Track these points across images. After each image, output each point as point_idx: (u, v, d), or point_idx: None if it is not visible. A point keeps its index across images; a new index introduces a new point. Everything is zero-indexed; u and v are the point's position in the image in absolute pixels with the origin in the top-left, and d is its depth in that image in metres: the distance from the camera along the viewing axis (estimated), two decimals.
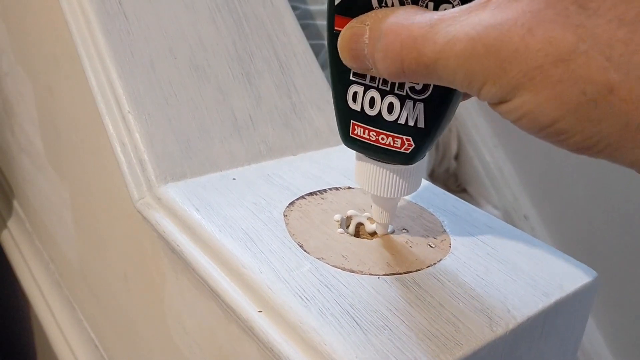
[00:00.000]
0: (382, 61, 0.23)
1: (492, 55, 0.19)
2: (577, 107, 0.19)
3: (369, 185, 0.29)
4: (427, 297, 0.28)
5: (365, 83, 0.26)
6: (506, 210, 1.04)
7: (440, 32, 0.20)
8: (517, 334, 0.27)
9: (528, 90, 0.19)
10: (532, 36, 0.19)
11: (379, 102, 0.26)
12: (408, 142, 0.26)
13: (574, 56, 0.18)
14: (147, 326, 0.42)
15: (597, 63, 0.18)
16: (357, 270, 0.29)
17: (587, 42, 0.18)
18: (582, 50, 0.18)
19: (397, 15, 0.22)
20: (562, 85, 0.18)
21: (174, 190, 0.35)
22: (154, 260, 0.38)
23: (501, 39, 0.19)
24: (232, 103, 0.40)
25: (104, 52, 0.37)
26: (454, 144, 1.11)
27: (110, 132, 0.37)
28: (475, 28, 0.20)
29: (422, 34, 0.21)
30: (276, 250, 0.30)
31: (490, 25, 0.19)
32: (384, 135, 0.27)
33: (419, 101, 0.25)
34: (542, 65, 0.19)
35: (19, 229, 0.67)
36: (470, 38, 0.20)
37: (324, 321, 0.26)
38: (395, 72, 0.22)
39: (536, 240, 0.33)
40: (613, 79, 0.18)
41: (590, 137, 0.19)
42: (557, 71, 0.18)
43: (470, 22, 0.20)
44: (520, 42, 0.19)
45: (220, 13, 0.42)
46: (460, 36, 0.20)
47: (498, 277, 0.30)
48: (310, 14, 0.58)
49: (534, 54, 0.19)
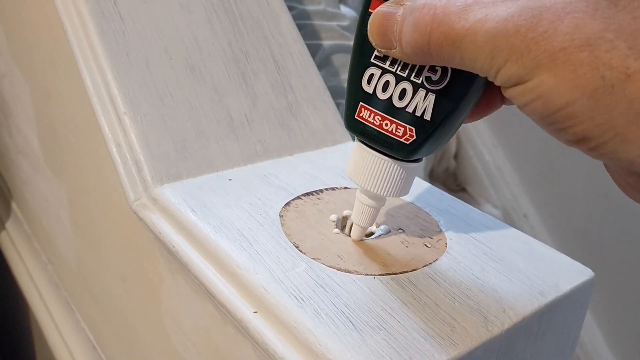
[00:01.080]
0: (410, 33, 0.23)
1: (521, 34, 0.20)
2: (593, 91, 0.19)
3: (361, 177, 0.29)
4: (423, 297, 0.28)
5: (384, 67, 0.26)
6: (505, 209, 1.04)
7: (474, 12, 0.21)
8: (513, 333, 0.27)
9: (548, 70, 0.20)
10: (561, 22, 0.19)
11: (393, 86, 0.26)
12: (410, 132, 0.26)
13: (599, 42, 0.19)
14: (144, 327, 0.42)
15: (619, 51, 0.19)
16: (352, 270, 0.29)
17: (613, 32, 0.19)
18: (607, 37, 0.19)
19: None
20: (583, 69, 0.19)
21: (170, 191, 0.35)
22: (150, 261, 0.38)
23: (532, 21, 0.20)
24: (228, 103, 0.40)
25: (99, 52, 0.37)
26: (453, 144, 1.11)
27: (106, 133, 0.37)
28: (507, 10, 0.20)
29: (456, 12, 0.22)
30: (272, 251, 0.30)
31: (522, 8, 0.20)
32: (388, 121, 0.27)
33: (432, 92, 0.25)
34: (566, 48, 0.19)
35: (17, 230, 0.67)
36: (502, 18, 0.20)
37: (319, 321, 0.26)
38: (420, 45, 0.23)
39: (532, 240, 0.33)
40: (632, 66, 0.19)
41: (599, 125, 0.20)
42: (580, 55, 0.19)
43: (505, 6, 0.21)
44: (549, 25, 0.20)
45: (216, 13, 0.42)
46: (493, 15, 0.21)
47: (494, 276, 0.30)
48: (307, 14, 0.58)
49: (561, 37, 0.19)
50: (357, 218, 0.31)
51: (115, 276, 0.45)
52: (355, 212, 0.31)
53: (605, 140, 0.20)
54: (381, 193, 0.29)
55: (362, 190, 0.30)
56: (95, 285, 0.50)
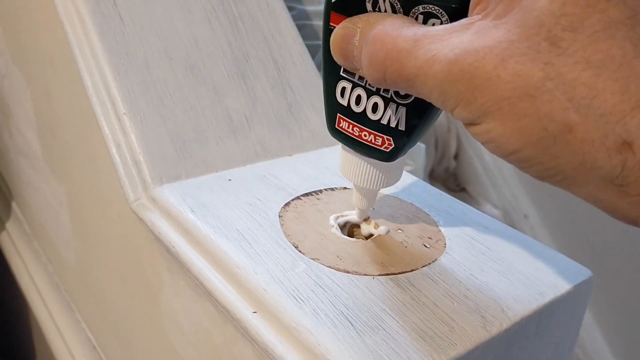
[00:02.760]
0: (367, 67, 0.24)
1: (466, 80, 0.20)
2: (538, 141, 0.19)
3: (350, 174, 0.30)
4: (422, 297, 0.28)
5: (354, 81, 0.27)
6: (506, 209, 1.04)
7: (423, 49, 0.21)
8: (512, 333, 0.27)
9: (495, 118, 0.20)
10: (503, 67, 0.19)
11: (365, 100, 0.27)
12: (389, 141, 0.27)
13: (539, 93, 0.19)
14: (144, 327, 0.42)
15: (559, 103, 0.19)
16: (351, 270, 0.29)
17: (553, 81, 0.19)
18: (547, 88, 0.19)
19: (385, 24, 0.23)
20: (526, 120, 0.19)
21: (170, 191, 0.35)
22: (150, 261, 0.38)
23: (475, 65, 0.20)
24: (227, 103, 0.40)
25: (99, 53, 0.37)
26: (453, 144, 1.10)
27: (106, 133, 0.37)
28: (453, 50, 0.20)
29: (406, 48, 0.22)
30: (271, 251, 0.30)
31: (467, 51, 0.20)
32: (366, 132, 0.28)
33: (402, 105, 0.26)
34: (509, 98, 0.19)
35: (18, 230, 0.67)
36: (448, 61, 0.20)
37: (318, 322, 0.26)
38: (377, 80, 0.23)
39: (531, 240, 0.33)
40: (573, 120, 0.19)
41: (549, 169, 0.20)
42: (522, 105, 0.19)
43: (451, 43, 0.21)
44: (492, 71, 0.20)
45: (215, 14, 0.42)
46: (440, 57, 0.21)
47: (493, 276, 0.30)
48: (307, 14, 0.58)
49: (504, 85, 0.19)
50: (357, 202, 0.32)
51: (114, 276, 0.45)
52: (355, 198, 0.32)
53: (558, 180, 0.20)
54: (371, 187, 0.30)
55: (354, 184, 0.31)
56: (95, 286, 0.50)
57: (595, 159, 0.19)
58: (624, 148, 0.18)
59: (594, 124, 0.19)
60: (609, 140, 0.18)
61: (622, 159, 0.18)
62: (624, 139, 0.18)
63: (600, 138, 0.19)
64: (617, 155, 0.18)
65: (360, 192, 0.32)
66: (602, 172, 0.19)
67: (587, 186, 0.20)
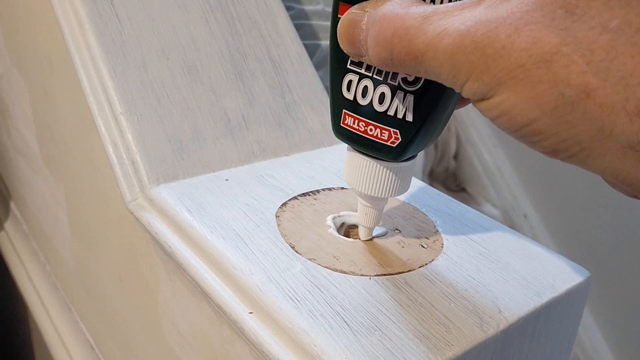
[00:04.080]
0: (373, 47, 0.23)
1: (479, 51, 0.20)
2: (554, 109, 0.19)
3: (356, 182, 0.29)
4: (418, 298, 0.28)
5: (361, 72, 0.26)
6: (505, 209, 1.03)
7: (432, 25, 0.21)
8: (508, 334, 0.27)
9: (509, 88, 0.19)
10: (517, 35, 0.19)
11: (372, 91, 0.26)
12: (395, 135, 0.26)
13: (556, 57, 0.18)
14: (141, 327, 0.42)
15: (577, 67, 0.18)
16: (348, 271, 0.29)
17: (569, 46, 0.18)
18: (564, 52, 0.18)
19: (393, 4, 0.23)
20: (541, 86, 0.19)
21: (166, 192, 0.35)
22: (147, 261, 0.38)
23: (489, 35, 0.19)
24: (225, 103, 0.40)
25: (96, 53, 0.37)
26: (453, 144, 1.10)
27: (103, 133, 0.37)
28: (465, 23, 0.20)
29: (415, 25, 0.21)
30: (267, 252, 0.30)
31: (480, 22, 0.20)
32: (372, 127, 0.27)
33: (410, 93, 0.25)
34: (524, 65, 0.19)
35: (16, 230, 0.67)
36: (459, 33, 0.20)
37: (314, 322, 0.26)
38: (384, 60, 0.23)
39: (529, 240, 0.33)
40: (591, 83, 0.18)
41: (564, 141, 0.19)
42: (538, 72, 0.19)
43: (462, 17, 0.20)
44: (506, 40, 0.19)
45: (213, 14, 0.42)
46: (450, 30, 0.20)
47: (490, 277, 0.30)
48: (305, 14, 0.58)
49: (518, 52, 0.19)
50: (362, 219, 0.31)
51: (112, 276, 0.45)
52: (360, 214, 0.31)
53: (573, 153, 0.20)
54: (379, 195, 0.29)
55: (359, 194, 0.30)
56: (93, 286, 0.50)
57: (615, 125, 0.18)
58: None
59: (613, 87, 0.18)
60: (629, 104, 0.18)
61: None
62: None
63: (621, 102, 0.18)
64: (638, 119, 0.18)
65: (366, 206, 0.30)
66: (623, 139, 0.18)
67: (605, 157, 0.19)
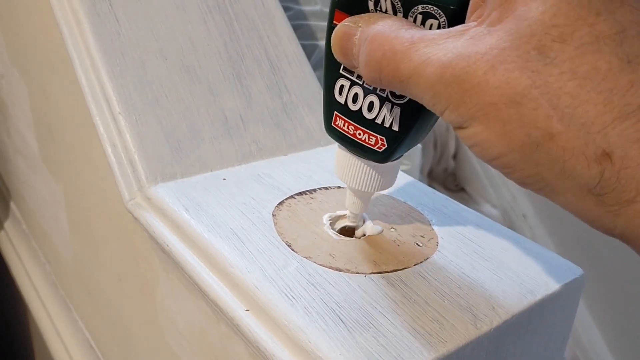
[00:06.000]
0: (364, 66, 0.24)
1: (457, 84, 0.21)
2: (521, 147, 0.20)
3: (345, 176, 0.30)
4: (413, 295, 0.28)
5: (352, 79, 0.27)
6: (504, 209, 1.04)
7: (418, 52, 0.22)
8: (502, 331, 0.27)
9: (482, 123, 0.20)
10: (493, 73, 0.20)
11: (362, 99, 0.27)
12: (382, 141, 0.27)
13: (525, 100, 0.19)
14: (140, 326, 0.43)
15: (544, 110, 0.19)
16: (344, 268, 0.30)
17: (539, 89, 0.19)
18: (533, 95, 0.19)
19: (385, 25, 0.24)
20: (510, 125, 0.20)
21: (164, 191, 0.35)
22: (145, 260, 0.38)
23: (467, 70, 0.20)
24: (222, 103, 0.40)
25: (94, 53, 0.38)
26: (452, 144, 1.11)
27: (101, 133, 0.37)
28: (447, 55, 0.21)
29: (402, 50, 0.22)
30: (264, 250, 0.31)
31: (460, 55, 0.21)
32: (361, 131, 0.28)
33: (397, 105, 0.26)
34: (496, 103, 0.20)
35: (16, 230, 0.67)
36: (441, 64, 0.21)
37: (310, 319, 0.26)
38: (373, 79, 0.24)
39: (523, 238, 0.33)
40: (555, 127, 0.19)
41: (531, 176, 0.21)
42: (508, 111, 0.20)
43: (446, 47, 0.21)
44: (482, 76, 0.20)
45: (211, 14, 0.42)
46: (434, 59, 0.21)
47: (484, 274, 0.30)
48: (303, 14, 0.59)
49: (492, 90, 0.20)
50: (349, 206, 0.32)
51: (111, 275, 0.45)
52: (348, 201, 0.32)
53: (540, 187, 0.21)
54: (365, 190, 0.30)
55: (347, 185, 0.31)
56: (92, 285, 0.50)
57: (575, 168, 0.19)
58: (603, 158, 0.19)
59: (575, 132, 0.19)
60: (588, 150, 0.19)
61: (600, 169, 0.19)
62: (604, 149, 0.19)
63: (581, 147, 0.19)
64: (596, 165, 0.19)
65: (353, 195, 0.32)
66: (581, 181, 0.19)
67: (566, 195, 0.20)
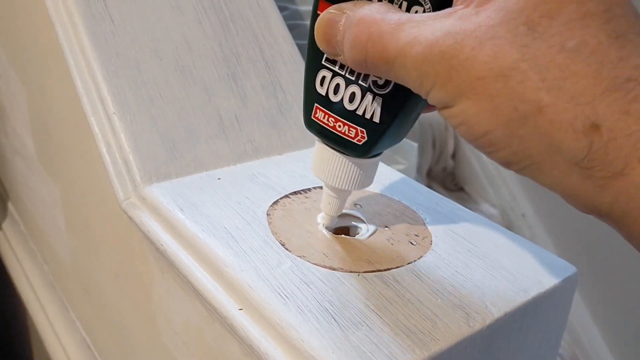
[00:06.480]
0: (349, 49, 0.24)
1: (445, 61, 0.20)
2: (508, 122, 0.20)
3: (322, 173, 0.30)
4: (406, 294, 0.28)
5: (334, 70, 0.27)
6: (504, 208, 1.04)
7: (405, 32, 0.22)
8: (495, 329, 0.27)
9: (469, 99, 0.20)
10: (481, 49, 0.20)
11: (343, 89, 0.27)
12: (362, 133, 0.27)
13: (513, 73, 0.19)
14: (137, 325, 0.43)
15: (532, 83, 0.19)
16: (337, 267, 0.30)
17: (527, 62, 0.19)
18: (521, 68, 0.19)
19: (372, 9, 0.23)
20: (498, 99, 0.20)
21: (159, 190, 0.35)
22: (141, 260, 0.38)
23: (455, 47, 0.20)
24: (217, 103, 0.40)
25: (89, 53, 0.38)
26: (451, 143, 1.11)
27: (96, 133, 0.37)
28: (435, 33, 0.21)
29: (389, 31, 0.22)
30: (258, 249, 0.31)
31: (448, 33, 0.21)
32: (341, 123, 0.28)
33: (379, 95, 0.26)
34: (484, 78, 0.20)
35: (14, 230, 0.67)
36: (428, 42, 0.21)
37: (303, 318, 0.26)
38: (358, 62, 0.24)
39: (518, 237, 0.34)
40: (544, 100, 0.19)
41: (516, 153, 0.20)
42: (496, 85, 0.20)
43: (433, 27, 0.21)
44: (470, 52, 0.20)
45: (206, 14, 0.42)
46: (421, 39, 0.21)
47: (477, 273, 0.30)
48: (300, 14, 0.59)
49: (480, 65, 0.20)
50: (325, 207, 0.32)
51: (108, 275, 0.45)
52: (324, 202, 0.32)
53: (525, 166, 0.21)
54: (343, 187, 0.30)
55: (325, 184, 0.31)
56: (89, 285, 0.50)
57: (563, 141, 0.19)
58: (592, 130, 0.19)
59: (564, 105, 0.19)
60: (577, 122, 0.19)
61: (588, 141, 0.19)
62: (592, 121, 0.19)
63: (569, 120, 0.19)
64: (584, 137, 0.19)
65: (330, 195, 0.31)
66: (569, 155, 0.19)
67: (552, 171, 0.20)
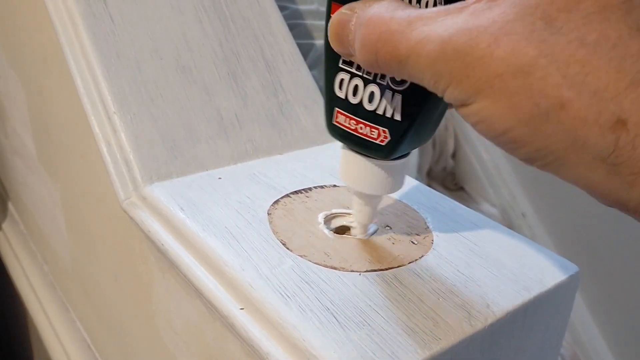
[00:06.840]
0: (360, 49, 0.23)
1: (459, 59, 0.20)
2: (529, 119, 0.19)
3: (350, 180, 0.29)
4: (408, 293, 0.28)
5: (352, 71, 0.27)
6: (504, 208, 1.04)
7: (416, 30, 0.21)
8: (496, 328, 0.27)
9: (487, 96, 0.20)
10: (497, 45, 0.19)
11: (362, 90, 0.27)
12: (384, 133, 0.27)
13: (533, 69, 0.19)
14: (137, 325, 0.43)
15: (553, 79, 0.19)
16: (338, 267, 0.30)
17: (547, 58, 0.19)
18: (541, 64, 0.19)
19: (381, 7, 0.23)
20: (518, 96, 0.19)
21: (160, 190, 0.35)
22: (141, 259, 0.38)
23: (469, 44, 0.20)
24: (218, 103, 0.40)
25: (89, 53, 0.38)
26: (451, 143, 1.11)
27: (96, 133, 0.37)
28: (447, 30, 0.20)
29: (399, 30, 0.22)
30: (259, 248, 0.31)
31: (461, 30, 0.20)
32: (362, 125, 0.27)
33: (398, 92, 0.26)
34: (502, 75, 0.19)
35: (14, 230, 0.67)
36: (441, 40, 0.20)
37: (304, 318, 0.26)
38: (370, 62, 0.23)
39: (519, 236, 0.33)
40: (566, 96, 0.19)
41: (539, 150, 0.20)
42: (515, 82, 0.19)
43: (445, 24, 0.21)
44: (486, 49, 0.19)
45: (206, 13, 0.42)
46: (433, 37, 0.21)
47: (479, 272, 0.30)
48: (300, 14, 0.59)
49: (497, 62, 0.19)
50: (357, 216, 0.31)
51: (108, 275, 0.45)
52: (355, 211, 0.31)
53: (548, 162, 0.20)
54: (372, 193, 0.29)
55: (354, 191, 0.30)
56: (90, 285, 0.50)
57: (588, 137, 0.19)
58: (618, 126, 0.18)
59: (587, 100, 0.18)
60: (602, 118, 0.18)
61: (615, 137, 0.18)
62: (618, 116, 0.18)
63: (594, 115, 0.18)
64: (610, 133, 0.18)
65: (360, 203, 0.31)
66: (595, 151, 0.19)
67: (577, 167, 0.19)
